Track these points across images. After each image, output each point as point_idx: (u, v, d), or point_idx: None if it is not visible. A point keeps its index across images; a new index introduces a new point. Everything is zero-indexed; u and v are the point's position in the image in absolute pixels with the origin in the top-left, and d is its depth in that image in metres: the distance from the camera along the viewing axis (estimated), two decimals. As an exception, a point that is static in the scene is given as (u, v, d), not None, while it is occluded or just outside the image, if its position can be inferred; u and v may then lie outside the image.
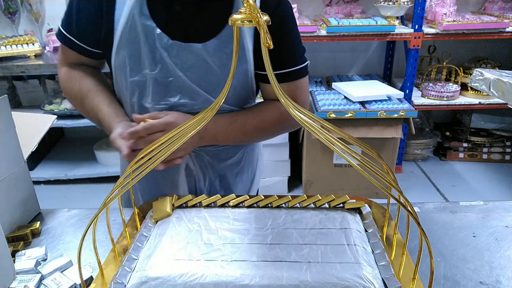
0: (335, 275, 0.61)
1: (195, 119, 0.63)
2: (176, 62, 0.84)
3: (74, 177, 2.71)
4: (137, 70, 0.86)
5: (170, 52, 0.84)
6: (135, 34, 0.83)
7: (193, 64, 0.84)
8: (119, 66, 0.87)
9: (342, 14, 2.72)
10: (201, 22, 0.84)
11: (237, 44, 0.56)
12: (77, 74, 0.93)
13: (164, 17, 0.84)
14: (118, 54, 0.86)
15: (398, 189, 0.58)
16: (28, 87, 2.82)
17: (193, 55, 0.84)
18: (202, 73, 0.85)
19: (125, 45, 0.85)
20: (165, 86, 0.87)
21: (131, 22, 0.83)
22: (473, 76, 0.84)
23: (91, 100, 0.91)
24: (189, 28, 0.84)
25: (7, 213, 0.85)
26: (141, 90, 0.88)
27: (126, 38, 0.84)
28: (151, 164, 0.60)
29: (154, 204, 0.82)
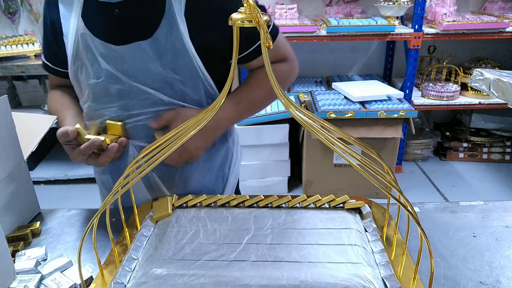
0: (335, 275, 0.61)
1: (195, 119, 0.63)
2: (117, 67, 0.86)
3: (74, 177, 2.71)
4: (86, 78, 0.89)
5: (109, 58, 0.86)
6: (81, 46, 0.87)
7: (133, 65, 0.85)
8: (74, 79, 0.92)
9: (342, 14, 2.72)
10: (136, 24, 0.85)
11: (237, 44, 0.56)
12: (58, 94, 1.01)
13: (102, 23, 0.85)
14: (72, 68, 0.90)
15: (398, 189, 0.58)
16: (28, 87, 2.82)
17: (132, 57, 0.85)
18: (145, 72, 0.86)
19: (76, 59, 0.89)
20: (115, 91, 0.88)
21: (76, 36, 0.86)
22: (473, 76, 0.84)
23: (60, 116, 0.97)
24: (126, 31, 0.85)
25: (7, 213, 0.85)
26: (95, 98, 0.90)
27: (76, 53, 0.88)
28: (152, 164, 0.61)
29: (154, 204, 0.82)
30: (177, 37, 0.83)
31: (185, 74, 0.87)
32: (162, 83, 0.87)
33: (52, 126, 1.00)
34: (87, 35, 0.85)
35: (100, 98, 0.90)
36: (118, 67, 0.86)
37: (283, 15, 2.54)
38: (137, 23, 0.85)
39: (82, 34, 0.86)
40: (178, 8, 0.83)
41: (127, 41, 0.84)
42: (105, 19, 0.85)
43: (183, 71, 0.86)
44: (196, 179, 1.00)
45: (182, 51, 0.84)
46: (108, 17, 0.85)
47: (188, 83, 0.88)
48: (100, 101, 0.90)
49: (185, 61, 0.85)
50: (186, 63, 0.86)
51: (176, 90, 0.88)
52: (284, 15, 2.53)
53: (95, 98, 0.90)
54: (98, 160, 0.87)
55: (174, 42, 0.84)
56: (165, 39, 0.83)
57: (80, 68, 0.89)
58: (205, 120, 0.59)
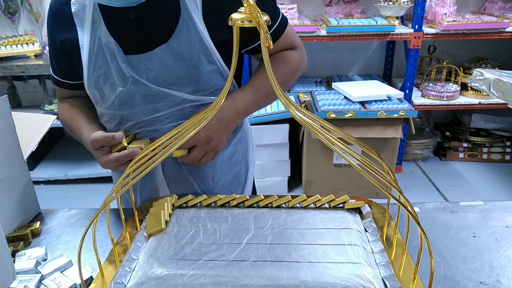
0: (335, 275, 0.61)
1: (195, 120, 0.63)
2: (141, 74, 0.86)
3: (74, 177, 2.71)
4: (111, 86, 0.89)
5: (133, 66, 0.86)
6: (103, 55, 0.87)
7: (158, 70, 0.86)
8: (95, 88, 0.92)
9: (342, 14, 2.72)
10: (154, 26, 0.85)
11: (237, 45, 0.56)
12: (67, 106, 1.02)
13: (120, 28, 0.86)
14: (91, 77, 0.90)
15: (398, 189, 0.58)
16: (28, 87, 2.82)
17: (155, 62, 0.86)
18: (166, 75, 0.86)
19: (96, 68, 0.89)
20: (141, 96, 0.89)
21: (96, 45, 0.87)
22: (473, 76, 0.84)
23: (77, 127, 0.97)
24: (144, 35, 0.86)
25: (7, 213, 0.85)
26: (121, 105, 0.90)
27: (95, 62, 0.88)
28: (152, 164, 0.61)
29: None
30: (196, 36, 0.84)
31: (207, 71, 0.87)
32: (186, 83, 0.87)
33: (52, 126, 1.01)
34: (112, 44, 0.85)
35: (126, 104, 0.90)
36: (143, 74, 0.86)
37: (283, 15, 2.53)
38: (154, 26, 0.85)
39: (106, 44, 0.85)
40: (194, 6, 0.83)
41: (149, 48, 0.84)
42: (124, 25, 0.85)
43: (205, 68, 0.87)
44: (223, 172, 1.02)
45: (203, 49, 0.85)
46: (126, 23, 0.85)
47: (210, 79, 0.89)
48: (127, 107, 0.90)
49: (206, 58, 0.86)
50: (207, 60, 0.86)
51: (199, 88, 0.89)
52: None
53: (120, 105, 0.90)
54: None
55: (194, 41, 0.84)
56: (185, 40, 0.84)
57: (104, 76, 0.89)
58: (205, 120, 0.59)
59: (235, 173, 1.06)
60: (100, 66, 0.88)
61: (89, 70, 0.89)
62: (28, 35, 2.65)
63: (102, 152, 0.87)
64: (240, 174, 1.08)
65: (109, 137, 0.85)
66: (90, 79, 0.90)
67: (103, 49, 0.86)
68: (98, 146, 0.87)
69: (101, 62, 0.88)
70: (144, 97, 0.89)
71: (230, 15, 0.55)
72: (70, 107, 1.01)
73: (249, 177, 1.11)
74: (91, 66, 0.89)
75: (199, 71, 0.86)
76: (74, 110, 1.00)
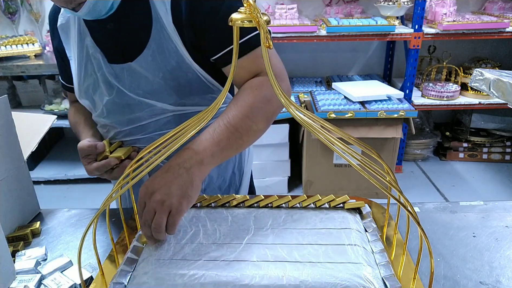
0: (335, 275, 0.61)
1: (195, 120, 0.63)
2: (124, 84, 0.88)
3: (74, 177, 2.71)
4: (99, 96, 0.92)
5: (117, 75, 0.88)
6: (91, 65, 0.89)
7: (139, 80, 0.87)
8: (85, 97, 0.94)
9: (342, 14, 2.72)
10: (131, 36, 0.85)
11: (237, 45, 0.56)
12: (72, 110, 1.07)
13: (103, 38, 0.87)
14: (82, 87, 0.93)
15: (398, 189, 0.58)
16: (28, 87, 2.82)
17: (135, 72, 0.86)
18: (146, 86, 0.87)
19: (86, 77, 0.91)
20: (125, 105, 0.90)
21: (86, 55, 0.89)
22: (473, 76, 0.84)
23: (78, 132, 1.01)
24: (124, 45, 0.86)
25: (7, 213, 0.85)
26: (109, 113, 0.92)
27: (85, 71, 0.90)
28: (151, 164, 0.60)
29: None
30: (170, 44, 0.83)
31: (185, 80, 0.86)
32: (166, 94, 0.87)
33: (52, 126, 1.01)
34: (98, 53, 0.87)
35: (112, 113, 0.92)
36: (126, 84, 0.87)
37: (283, 15, 2.54)
38: (130, 35, 0.85)
39: (93, 53, 0.87)
40: (165, 12, 0.81)
41: (129, 57, 0.85)
42: (105, 36, 0.86)
43: (183, 76, 0.86)
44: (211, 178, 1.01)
45: (178, 57, 0.84)
46: (106, 33, 0.86)
47: (190, 89, 0.88)
48: (114, 116, 0.92)
49: (182, 67, 0.85)
50: (183, 69, 0.85)
51: (181, 97, 0.88)
52: (284, 15, 2.53)
53: (108, 113, 0.93)
54: (112, 174, 0.89)
55: (169, 48, 0.83)
56: (159, 49, 0.83)
57: (93, 85, 0.91)
58: (205, 120, 0.59)
59: (226, 178, 1.04)
60: (90, 75, 0.90)
61: (79, 80, 0.92)
62: (28, 35, 2.64)
63: (87, 160, 0.89)
64: (233, 178, 1.06)
65: (92, 147, 0.88)
66: (81, 88, 0.93)
67: (91, 59, 0.88)
68: (84, 154, 0.89)
69: (90, 71, 0.90)
70: (128, 106, 0.90)
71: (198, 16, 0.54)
72: (75, 111, 1.05)
73: (244, 181, 1.09)
74: (81, 75, 0.91)
75: (178, 80, 0.85)
76: (78, 116, 1.03)
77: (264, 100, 0.80)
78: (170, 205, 0.66)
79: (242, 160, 1.08)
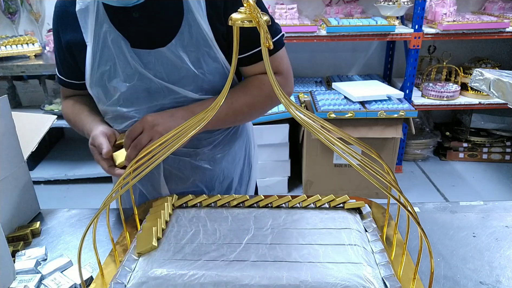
0: (335, 275, 0.61)
1: (195, 119, 0.63)
2: (149, 69, 0.87)
3: (74, 177, 2.71)
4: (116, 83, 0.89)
5: (142, 60, 0.87)
6: (108, 51, 0.87)
7: (165, 67, 0.87)
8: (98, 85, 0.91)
9: (342, 14, 2.72)
10: (158, 26, 0.85)
11: (237, 45, 0.56)
12: (70, 103, 1.04)
13: (125, 26, 0.86)
14: (95, 74, 0.90)
15: (398, 189, 0.58)
16: (28, 87, 2.82)
17: (162, 59, 0.86)
18: (173, 72, 0.87)
19: (101, 64, 0.89)
20: (146, 93, 0.89)
21: (102, 42, 0.87)
22: (473, 76, 0.84)
23: (80, 120, 0.99)
24: (149, 33, 0.86)
25: (7, 213, 0.85)
26: (126, 101, 0.91)
27: (101, 58, 0.88)
28: (152, 164, 0.60)
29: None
30: (200, 35, 0.84)
31: (212, 69, 0.88)
32: (192, 81, 0.88)
33: (52, 126, 1.01)
34: (119, 38, 0.86)
35: (130, 101, 0.90)
36: (151, 70, 0.87)
37: (283, 15, 2.54)
38: (158, 25, 0.85)
39: (113, 39, 0.86)
40: (198, 6, 0.84)
41: (154, 45, 0.85)
42: (129, 23, 0.86)
43: (210, 67, 0.87)
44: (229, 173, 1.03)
45: (207, 48, 0.85)
46: (131, 21, 0.85)
47: (215, 78, 0.89)
48: (131, 104, 0.91)
49: (211, 57, 0.86)
50: (211, 59, 0.87)
51: (205, 86, 0.89)
52: (284, 15, 2.54)
53: (125, 101, 0.91)
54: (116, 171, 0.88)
55: (198, 40, 0.85)
56: (189, 39, 0.84)
57: (108, 73, 0.89)
58: (205, 120, 0.59)
59: (239, 172, 1.07)
60: (106, 62, 0.88)
61: (92, 67, 0.89)
62: (28, 35, 2.64)
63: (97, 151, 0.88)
64: (244, 173, 1.08)
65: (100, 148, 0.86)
66: (94, 76, 0.90)
67: (108, 45, 0.86)
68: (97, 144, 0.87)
69: (107, 58, 0.88)
70: (148, 93, 0.89)
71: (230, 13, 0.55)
72: (74, 103, 1.02)
73: (252, 175, 1.12)
74: (96, 63, 0.89)
75: (203, 69, 0.87)
76: (78, 106, 1.01)
77: (268, 98, 0.94)
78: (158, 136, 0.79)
79: (250, 154, 1.10)
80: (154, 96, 0.89)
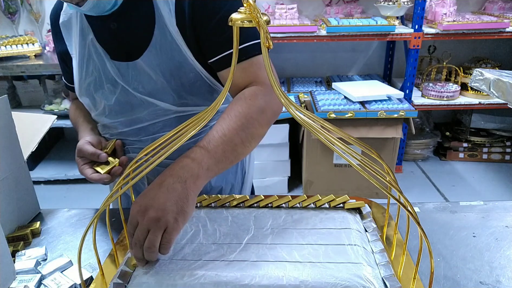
0: (335, 275, 0.61)
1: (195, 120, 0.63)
2: (128, 82, 0.87)
3: (74, 177, 2.71)
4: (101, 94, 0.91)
5: (122, 73, 0.87)
6: (93, 62, 0.89)
7: (142, 80, 0.86)
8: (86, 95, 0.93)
9: (342, 14, 2.72)
10: (133, 36, 0.85)
11: (237, 44, 0.56)
12: (73, 107, 1.07)
13: (105, 38, 0.87)
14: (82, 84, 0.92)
15: (398, 189, 0.58)
16: (28, 87, 2.82)
17: (139, 72, 0.86)
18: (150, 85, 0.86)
19: (87, 75, 0.90)
20: (129, 106, 0.89)
21: (88, 53, 0.88)
22: (473, 76, 0.84)
23: (76, 125, 1.02)
24: (126, 45, 0.86)
25: (7, 213, 0.85)
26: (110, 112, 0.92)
27: (87, 69, 0.90)
28: (152, 164, 0.60)
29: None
30: (173, 44, 0.82)
31: (190, 79, 0.86)
32: (169, 94, 0.87)
33: (52, 126, 1.01)
34: (101, 52, 0.87)
35: (114, 113, 0.91)
36: (130, 83, 0.87)
37: (283, 15, 2.54)
38: (133, 35, 0.85)
39: (96, 51, 0.87)
40: (168, 14, 0.81)
41: (132, 57, 0.85)
42: (108, 35, 0.86)
43: (187, 77, 0.86)
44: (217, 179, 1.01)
45: (181, 57, 0.83)
46: (109, 33, 0.86)
47: (193, 89, 0.87)
48: (115, 115, 0.92)
49: (186, 66, 0.84)
50: (187, 69, 0.85)
51: (183, 98, 0.88)
52: (284, 15, 2.53)
53: (110, 112, 0.92)
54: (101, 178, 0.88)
55: (171, 49, 0.83)
56: (162, 49, 0.83)
57: (94, 83, 0.90)
58: (205, 120, 0.59)
59: (229, 178, 1.04)
60: (91, 73, 0.89)
61: (80, 77, 0.91)
62: (28, 35, 2.64)
63: (83, 161, 0.90)
64: (237, 178, 1.06)
65: (94, 155, 0.87)
66: (82, 86, 0.92)
67: (93, 57, 0.88)
68: (81, 155, 0.89)
69: (92, 69, 0.89)
70: (130, 106, 0.89)
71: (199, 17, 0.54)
72: (76, 108, 1.05)
73: (246, 180, 1.10)
74: (82, 73, 0.90)
75: (180, 80, 0.85)
76: (78, 112, 1.04)
77: (258, 111, 0.79)
78: (166, 222, 0.62)
79: (244, 160, 1.08)
80: (134, 109, 0.89)
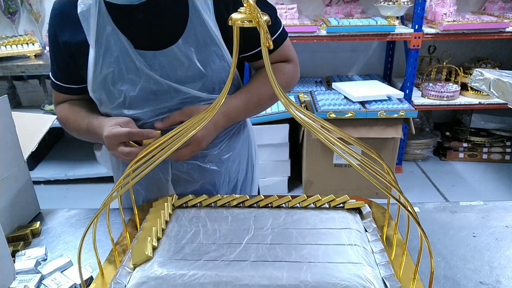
0: (335, 275, 0.61)
1: (195, 119, 0.63)
2: (155, 70, 0.86)
3: (74, 177, 2.71)
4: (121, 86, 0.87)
5: (147, 62, 0.86)
6: (112, 54, 0.86)
7: (171, 68, 0.86)
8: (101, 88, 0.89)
9: (342, 14, 2.72)
10: (163, 26, 0.85)
11: (237, 44, 0.56)
12: (67, 105, 0.99)
13: (129, 27, 0.85)
14: (97, 77, 0.88)
15: (398, 189, 0.58)
16: (28, 87, 2.82)
17: (168, 60, 0.85)
18: (181, 72, 0.86)
19: (104, 67, 0.87)
20: (153, 95, 0.88)
21: (105, 44, 0.85)
22: (473, 76, 0.84)
23: (81, 118, 0.95)
24: (154, 34, 0.86)
25: (7, 213, 0.85)
26: (131, 104, 0.89)
27: (103, 61, 0.86)
28: (152, 164, 0.60)
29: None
30: (207, 34, 0.85)
31: (218, 68, 0.88)
32: (199, 80, 0.87)
33: (52, 126, 1.01)
34: (123, 40, 0.85)
35: (136, 104, 0.89)
36: (157, 71, 0.86)
37: (283, 15, 2.54)
38: (163, 26, 0.85)
39: (117, 41, 0.85)
40: (205, 6, 0.84)
41: (159, 46, 0.85)
42: (132, 25, 0.85)
43: (216, 65, 0.87)
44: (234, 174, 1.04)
45: (214, 47, 0.86)
46: (135, 23, 0.85)
47: (220, 77, 0.89)
48: (137, 107, 0.89)
49: (218, 55, 0.87)
50: (218, 57, 0.87)
51: (211, 85, 0.89)
52: (284, 15, 2.54)
53: (131, 104, 0.89)
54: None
55: (206, 38, 0.85)
56: (197, 37, 0.85)
57: (112, 75, 0.87)
58: (205, 120, 0.59)
59: (243, 173, 1.07)
60: (109, 65, 0.86)
61: (95, 70, 0.87)
62: (28, 35, 2.64)
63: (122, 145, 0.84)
64: (248, 173, 1.09)
65: (145, 133, 0.84)
66: (96, 80, 0.88)
67: (112, 48, 0.85)
68: (120, 141, 0.83)
69: (110, 60, 0.86)
70: (155, 95, 0.88)
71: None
72: (70, 105, 0.99)
73: (255, 175, 1.12)
74: (99, 65, 0.87)
75: (211, 68, 0.87)
76: (76, 108, 0.97)
77: (286, 87, 1.00)
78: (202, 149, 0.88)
79: (252, 155, 1.10)
80: (161, 98, 0.88)
